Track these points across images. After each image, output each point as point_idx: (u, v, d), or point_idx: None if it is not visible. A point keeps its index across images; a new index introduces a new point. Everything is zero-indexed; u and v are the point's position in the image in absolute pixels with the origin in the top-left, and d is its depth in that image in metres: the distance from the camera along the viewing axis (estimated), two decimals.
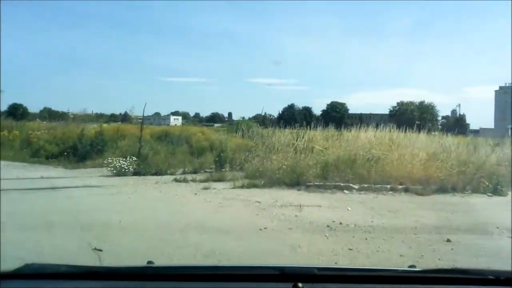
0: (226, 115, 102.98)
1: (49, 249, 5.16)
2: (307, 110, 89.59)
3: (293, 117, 64.87)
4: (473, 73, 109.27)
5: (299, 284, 1.72)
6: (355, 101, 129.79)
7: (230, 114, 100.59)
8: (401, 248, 5.77)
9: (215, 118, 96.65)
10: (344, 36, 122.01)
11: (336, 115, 72.35)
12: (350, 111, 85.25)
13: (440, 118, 78.37)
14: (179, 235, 5.96)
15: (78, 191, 9.42)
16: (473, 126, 65.80)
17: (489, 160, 12.17)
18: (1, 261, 3.62)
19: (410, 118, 59.18)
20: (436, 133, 15.85)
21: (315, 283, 1.82)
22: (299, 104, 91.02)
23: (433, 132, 15.53)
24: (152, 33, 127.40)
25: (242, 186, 10.42)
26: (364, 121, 24.06)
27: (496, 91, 78.39)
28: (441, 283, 1.92)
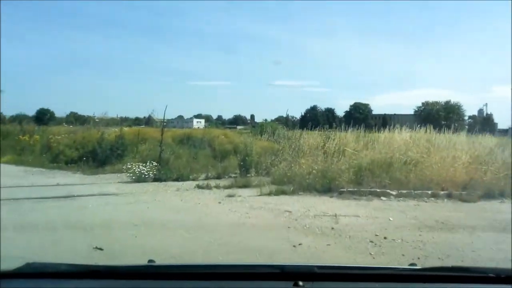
0: (249, 117, 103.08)
1: None
2: (330, 112, 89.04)
3: (316, 119, 64.16)
4: (499, 72, 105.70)
5: (300, 283, 1.70)
6: (378, 102, 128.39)
7: (253, 116, 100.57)
8: None
9: (238, 121, 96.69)
10: (366, 37, 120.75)
11: (360, 116, 71.66)
12: (373, 112, 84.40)
13: (467, 118, 76.55)
14: (202, 255, 5.18)
15: (94, 200, 8.72)
16: (501, 126, 63.24)
17: None
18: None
19: (436, 118, 57.99)
20: (463, 133, 14.75)
21: (315, 281, 1.78)
22: (322, 106, 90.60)
23: (460, 132, 14.50)
24: (176, 38, 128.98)
25: (270, 193, 9.58)
26: (388, 122, 23.00)
27: None
28: (442, 281, 1.86)
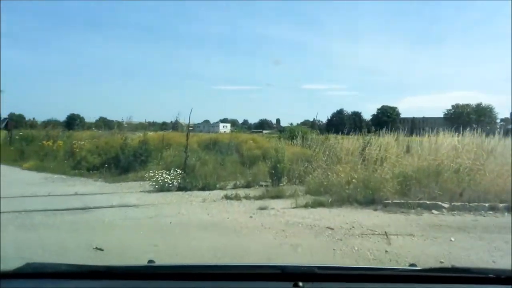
0: (274, 122, 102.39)
1: None
2: (357, 115, 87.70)
3: (343, 122, 63.14)
4: None
5: (300, 283, 1.69)
6: (405, 105, 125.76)
7: (278, 121, 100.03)
8: None
9: (263, 125, 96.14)
10: (394, 40, 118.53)
11: (388, 120, 70.07)
12: (401, 115, 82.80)
13: (499, 121, 73.98)
14: None
15: (111, 213, 7.85)
16: None
17: None
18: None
19: (467, 121, 56.05)
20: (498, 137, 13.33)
21: (316, 282, 1.76)
22: (348, 109, 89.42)
23: (493, 136, 13.13)
24: (201, 44, 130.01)
25: (306, 205, 8.56)
26: (418, 125, 21.64)
27: None
28: (442, 282, 1.83)
